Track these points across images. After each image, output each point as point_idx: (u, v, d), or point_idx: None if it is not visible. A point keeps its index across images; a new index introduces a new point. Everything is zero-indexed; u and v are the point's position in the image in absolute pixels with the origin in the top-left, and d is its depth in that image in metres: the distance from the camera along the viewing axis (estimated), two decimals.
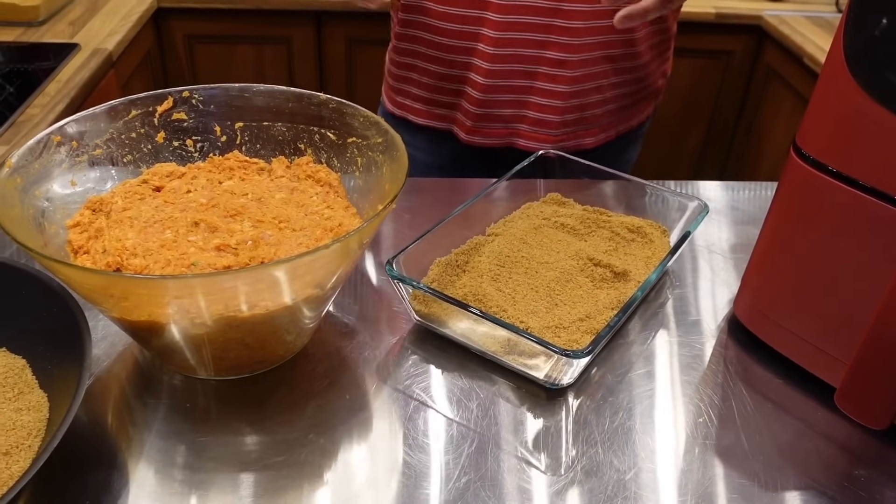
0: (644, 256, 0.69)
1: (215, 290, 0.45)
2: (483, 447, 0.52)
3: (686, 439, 0.54)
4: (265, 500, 0.48)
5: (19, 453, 0.48)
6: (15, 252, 0.69)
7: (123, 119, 0.61)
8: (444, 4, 0.94)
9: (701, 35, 1.73)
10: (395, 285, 0.60)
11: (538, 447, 0.53)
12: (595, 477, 0.51)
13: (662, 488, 0.50)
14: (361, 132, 0.61)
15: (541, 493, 0.49)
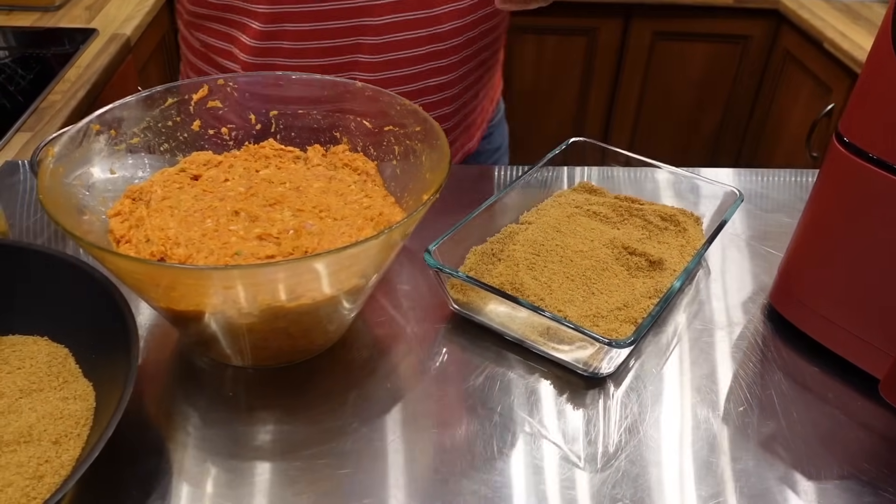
0: (678, 245, 0.69)
1: (267, 281, 0.45)
2: (524, 436, 0.53)
3: (727, 427, 0.54)
4: (311, 487, 0.48)
5: (68, 442, 0.48)
6: (47, 240, 0.69)
7: (160, 107, 0.60)
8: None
9: (718, 20, 1.72)
10: (433, 274, 0.60)
11: (578, 436, 0.53)
12: (637, 466, 0.51)
13: (705, 476, 0.50)
14: (399, 120, 0.61)
15: (583, 483, 0.50)
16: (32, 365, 0.53)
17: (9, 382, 0.51)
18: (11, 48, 1.42)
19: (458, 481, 0.49)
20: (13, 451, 0.47)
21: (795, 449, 0.53)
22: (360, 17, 0.80)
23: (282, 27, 0.80)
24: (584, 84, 1.83)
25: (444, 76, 0.87)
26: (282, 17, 0.79)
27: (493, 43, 0.94)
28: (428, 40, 0.83)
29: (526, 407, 0.55)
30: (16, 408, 0.50)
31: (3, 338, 0.56)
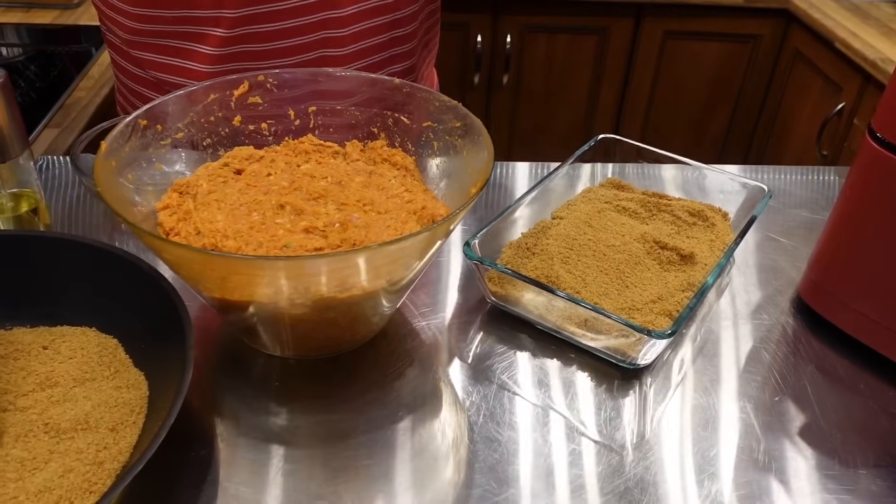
0: (707, 240, 0.70)
1: (324, 271, 0.46)
2: (565, 426, 0.54)
3: (763, 417, 0.55)
4: (360, 477, 0.49)
5: (125, 429, 0.49)
6: (83, 233, 0.70)
7: (202, 103, 0.61)
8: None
9: (728, 19, 1.73)
10: (472, 266, 0.61)
11: (616, 425, 0.54)
12: (676, 454, 0.52)
13: (744, 466, 0.51)
14: (437, 116, 0.62)
15: (621, 471, 0.51)
16: (84, 355, 0.54)
17: (62, 372, 0.52)
18: (29, 45, 1.43)
19: (511, 469, 0.50)
20: (71, 439, 0.48)
21: (831, 438, 0.54)
22: (325, 11, 0.79)
23: (247, 30, 0.77)
24: (595, 83, 1.84)
25: (405, 62, 0.89)
26: (248, 20, 0.77)
27: (434, 25, 0.97)
28: (390, 26, 0.84)
29: (564, 396, 0.56)
30: (71, 396, 0.51)
31: (53, 328, 0.57)
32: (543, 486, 0.49)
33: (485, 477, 0.50)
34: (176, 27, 0.78)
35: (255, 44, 0.79)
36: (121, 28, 0.81)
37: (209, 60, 0.79)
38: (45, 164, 0.79)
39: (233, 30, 0.77)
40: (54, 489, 0.45)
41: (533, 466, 0.51)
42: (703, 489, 0.50)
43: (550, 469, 0.50)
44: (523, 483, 0.49)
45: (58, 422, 0.49)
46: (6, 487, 0.45)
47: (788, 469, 0.51)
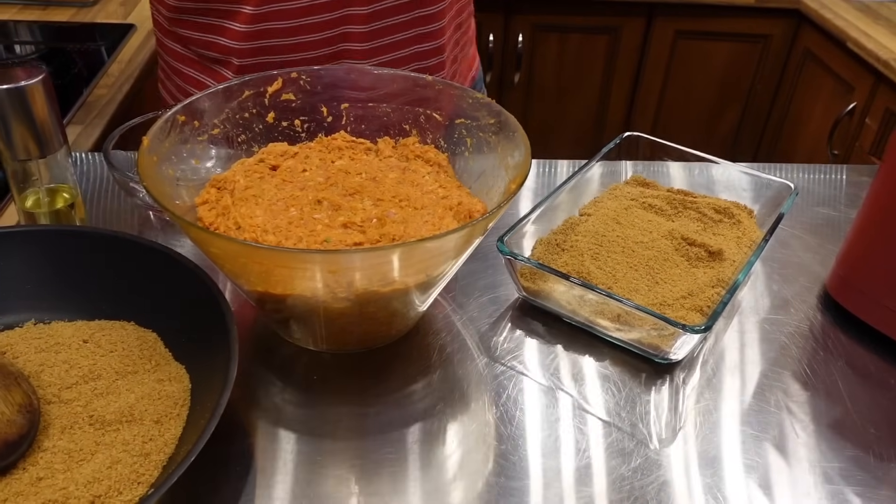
0: (734, 237, 0.70)
1: (370, 265, 0.46)
2: (600, 421, 0.54)
3: (796, 412, 0.56)
4: (398, 470, 0.50)
5: (169, 422, 0.50)
6: (117, 227, 0.70)
7: (237, 99, 0.62)
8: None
9: (739, 19, 1.74)
10: (504, 262, 0.62)
11: (650, 419, 0.55)
12: (713, 447, 0.53)
13: (778, 460, 0.52)
14: (470, 113, 0.62)
15: (661, 466, 0.51)
16: (124, 348, 0.54)
17: (104, 365, 0.53)
18: (42, 43, 1.44)
19: (553, 462, 0.51)
20: (116, 431, 0.49)
21: (864, 433, 0.54)
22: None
23: (275, 7, 0.80)
24: (606, 82, 1.85)
25: (434, 41, 0.89)
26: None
27: (467, 5, 0.97)
28: (415, 5, 0.85)
29: (597, 391, 0.57)
30: (114, 389, 0.51)
31: (91, 322, 0.57)
32: (581, 481, 0.50)
33: (520, 471, 0.50)
34: (209, 4, 0.82)
35: (281, 20, 0.81)
36: (163, 6, 0.85)
37: (241, 37, 0.82)
38: (73, 160, 0.80)
39: (260, 7, 0.80)
40: (103, 480, 0.45)
41: (569, 461, 0.51)
42: (739, 482, 0.50)
43: (588, 463, 0.51)
44: (562, 477, 0.50)
45: (102, 414, 0.49)
46: (55, 478, 0.46)
47: (823, 463, 0.52)
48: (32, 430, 0.48)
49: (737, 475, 0.51)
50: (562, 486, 0.49)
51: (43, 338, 0.55)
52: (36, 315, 0.58)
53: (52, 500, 0.44)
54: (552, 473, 0.50)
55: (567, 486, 0.49)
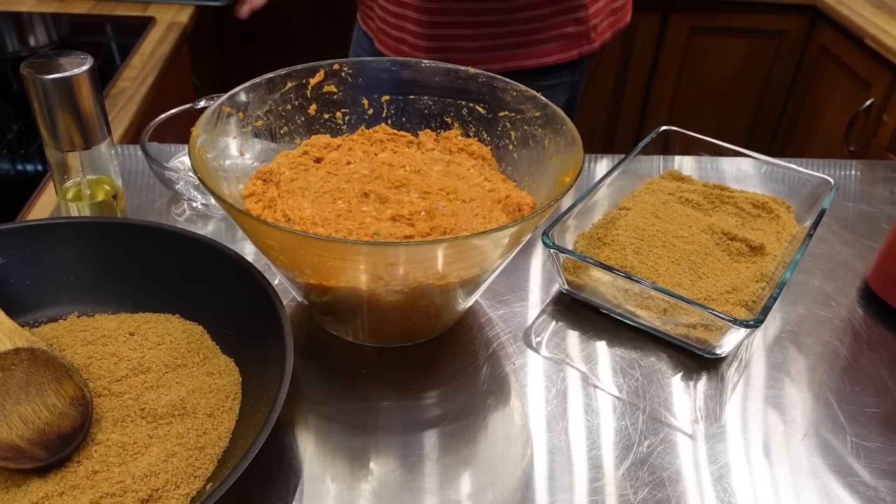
0: (774, 231, 0.70)
1: (430, 258, 0.46)
2: (648, 414, 0.54)
3: (846, 406, 0.55)
4: (450, 462, 0.50)
5: (222, 415, 0.49)
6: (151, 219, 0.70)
7: (280, 91, 0.61)
8: None
9: (754, 15, 1.73)
10: (549, 255, 0.62)
11: (702, 415, 0.54)
12: (760, 443, 0.52)
13: (830, 453, 0.52)
14: (515, 106, 0.62)
15: (716, 460, 0.51)
16: (171, 341, 0.54)
17: (153, 358, 0.52)
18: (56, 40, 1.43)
19: (605, 454, 0.50)
20: (169, 424, 0.48)
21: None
22: None
23: None
24: (621, 78, 1.84)
25: None
26: None
27: None
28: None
29: (643, 384, 0.56)
30: (164, 382, 0.51)
31: (135, 315, 0.57)
32: (631, 475, 0.49)
33: (570, 463, 0.50)
34: None
35: None
36: None
37: None
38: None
39: None
40: (160, 473, 0.45)
41: (619, 454, 0.51)
42: (793, 475, 0.50)
43: (644, 457, 0.51)
44: (612, 470, 0.50)
45: (154, 407, 0.49)
46: (111, 472, 0.45)
47: (877, 457, 0.52)
48: (86, 422, 0.47)
49: (792, 469, 0.51)
50: (613, 479, 0.49)
51: (88, 330, 0.55)
52: (79, 308, 0.57)
53: (109, 494, 0.44)
54: (601, 466, 0.50)
55: (618, 479, 0.49)
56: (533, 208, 0.56)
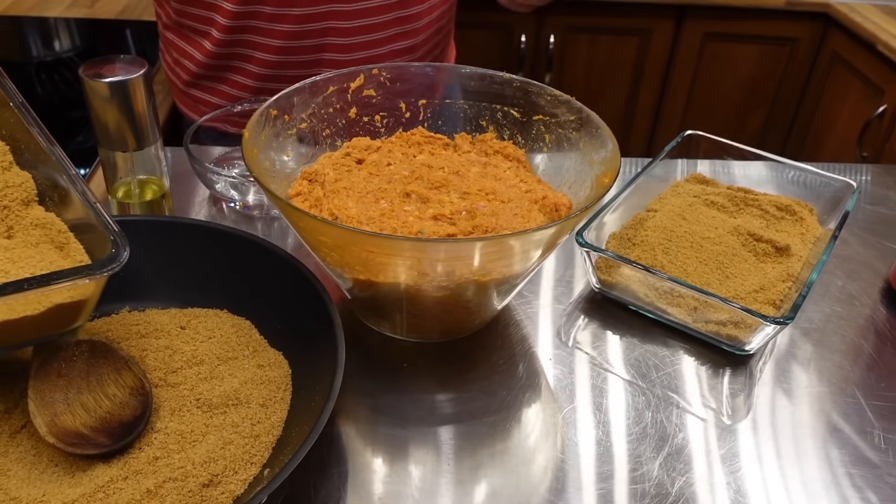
0: (798, 233, 0.72)
1: (478, 255, 0.48)
2: (682, 410, 0.56)
3: (874, 403, 0.57)
4: (493, 450, 0.51)
5: (274, 405, 0.51)
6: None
7: (323, 94, 0.64)
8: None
9: (767, 22, 1.75)
10: (582, 254, 0.64)
11: (733, 411, 0.56)
12: (790, 439, 0.54)
13: (857, 446, 0.53)
14: (549, 110, 0.64)
15: (751, 453, 0.53)
16: (221, 335, 0.56)
17: (205, 350, 0.54)
18: (80, 45, 1.46)
19: (642, 448, 0.52)
20: (224, 413, 0.50)
21: None
22: None
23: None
24: (634, 83, 1.86)
25: (409, 40, 0.93)
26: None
27: (449, 9, 1.01)
28: (395, 7, 0.90)
29: (675, 381, 0.58)
30: (217, 374, 0.53)
31: (184, 310, 0.59)
32: (669, 466, 0.51)
33: (611, 455, 0.52)
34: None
35: (267, 6, 0.87)
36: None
37: (228, 16, 0.89)
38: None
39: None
40: (218, 460, 0.47)
41: (654, 445, 0.53)
42: (822, 468, 0.52)
43: (679, 449, 0.52)
44: (647, 461, 0.51)
45: (209, 397, 0.51)
46: (171, 458, 0.47)
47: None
48: (147, 411, 0.49)
49: (824, 464, 0.52)
50: (651, 469, 0.51)
51: (141, 324, 0.57)
52: (130, 303, 0.59)
53: (171, 479, 0.46)
54: (639, 457, 0.52)
55: (656, 469, 0.51)
56: (569, 208, 0.58)
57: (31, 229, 0.45)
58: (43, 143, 0.46)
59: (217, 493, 0.45)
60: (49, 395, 0.48)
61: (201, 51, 0.93)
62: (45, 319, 0.42)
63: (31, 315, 0.41)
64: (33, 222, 0.45)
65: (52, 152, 0.45)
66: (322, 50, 0.90)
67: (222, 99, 0.96)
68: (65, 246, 0.45)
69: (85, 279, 0.41)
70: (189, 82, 0.97)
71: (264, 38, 0.89)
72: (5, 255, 0.43)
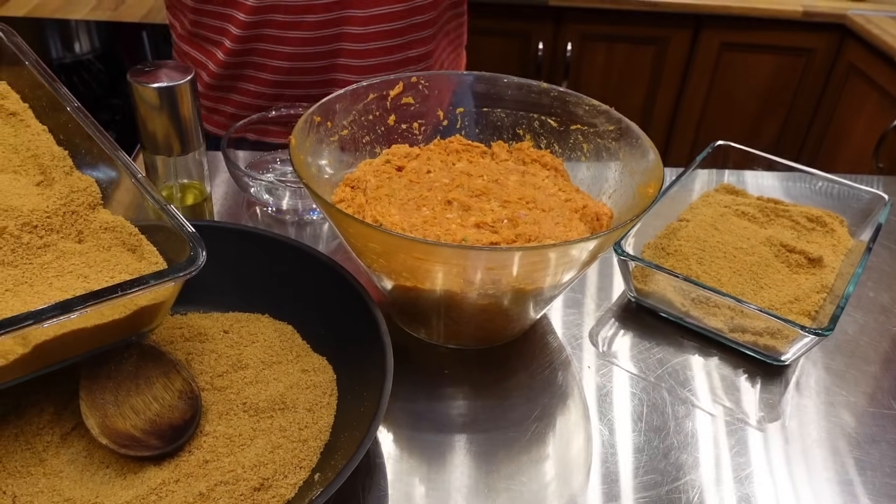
0: (829, 244, 0.72)
1: (529, 263, 0.48)
2: (721, 420, 0.56)
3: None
4: (538, 456, 0.52)
5: (321, 410, 0.52)
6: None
7: (363, 102, 0.64)
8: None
9: (784, 32, 1.76)
10: (620, 263, 0.64)
11: (772, 421, 0.56)
12: (830, 450, 0.54)
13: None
14: (587, 120, 0.64)
15: (786, 459, 0.53)
16: (264, 340, 0.56)
17: (250, 355, 0.55)
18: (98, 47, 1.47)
19: (685, 457, 0.53)
20: (270, 417, 0.51)
21: None
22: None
23: (275, 2, 0.86)
24: (651, 92, 1.87)
25: (422, 48, 0.93)
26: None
27: (459, 16, 1.01)
28: (408, 13, 0.90)
29: (713, 388, 0.58)
30: (262, 378, 0.53)
31: (226, 314, 0.59)
32: (716, 471, 0.52)
33: (656, 464, 0.52)
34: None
35: (279, 14, 0.87)
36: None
37: (241, 25, 0.89)
38: None
39: (262, 1, 0.86)
40: (268, 464, 0.47)
41: (698, 453, 0.53)
42: (864, 476, 0.52)
43: (722, 456, 0.53)
44: (691, 468, 0.52)
45: (255, 401, 0.51)
46: (221, 461, 0.48)
47: None
48: (196, 415, 0.50)
49: (865, 473, 0.53)
50: (696, 476, 0.51)
51: (184, 328, 0.57)
52: (173, 307, 0.59)
53: (222, 482, 0.46)
54: (683, 465, 0.52)
55: (701, 476, 0.51)
56: (611, 218, 0.59)
57: (101, 233, 0.45)
58: (105, 147, 0.46)
59: (268, 497, 0.46)
60: (99, 397, 0.48)
61: (215, 60, 0.93)
62: (128, 322, 0.43)
63: (118, 318, 0.42)
64: (102, 226, 0.45)
65: (116, 156, 0.46)
66: (335, 56, 0.91)
67: (236, 108, 0.97)
68: (137, 248, 0.46)
69: (171, 282, 0.41)
70: (202, 93, 0.98)
71: (277, 46, 0.90)
72: (81, 260, 0.43)
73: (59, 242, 0.45)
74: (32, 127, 0.51)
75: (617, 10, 1.72)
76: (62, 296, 0.42)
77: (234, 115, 0.97)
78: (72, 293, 0.42)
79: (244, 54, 0.91)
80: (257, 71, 0.92)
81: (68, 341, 0.41)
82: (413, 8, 0.90)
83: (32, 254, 0.43)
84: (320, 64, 0.91)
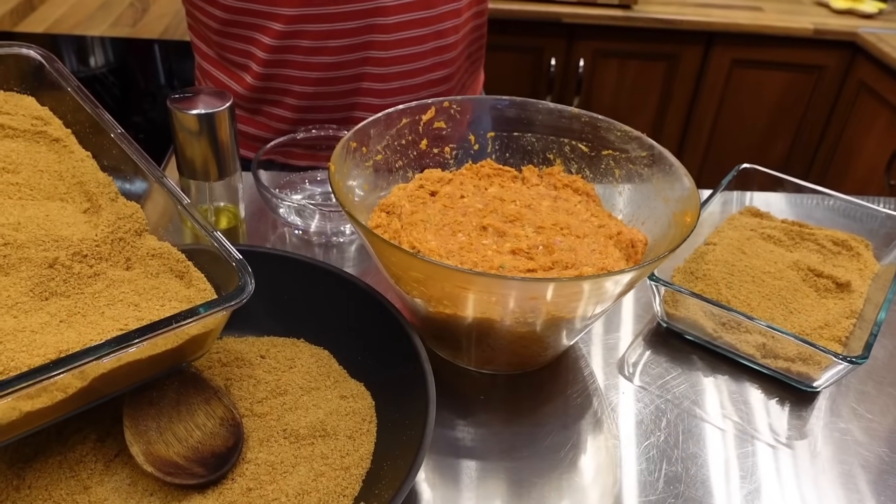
0: (856, 269, 0.73)
1: (569, 293, 0.49)
2: (757, 442, 0.56)
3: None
4: (581, 483, 0.52)
5: (361, 437, 0.52)
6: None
7: (396, 126, 0.65)
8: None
9: (795, 50, 1.77)
10: (650, 288, 0.64)
11: (803, 442, 0.57)
12: (863, 476, 0.55)
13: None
14: (619, 146, 0.65)
15: (817, 486, 0.53)
16: (302, 365, 0.57)
17: (288, 380, 0.55)
18: (113, 61, 1.47)
19: (716, 484, 0.53)
20: (311, 444, 0.51)
21: None
22: (373, 17, 0.87)
23: (300, 28, 0.87)
24: (661, 108, 1.88)
25: (446, 69, 0.95)
26: (302, 19, 0.86)
27: (480, 38, 1.03)
28: (433, 37, 0.91)
29: (745, 414, 0.59)
30: (301, 404, 0.54)
31: (261, 338, 0.59)
32: (752, 499, 0.52)
33: (697, 486, 0.52)
34: (243, 17, 0.89)
35: (306, 40, 0.88)
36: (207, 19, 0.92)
37: (268, 49, 0.89)
38: None
39: (288, 26, 0.87)
40: (311, 492, 0.47)
41: (734, 481, 0.53)
42: None
43: (758, 484, 0.53)
44: (729, 495, 0.52)
45: (295, 428, 0.51)
46: (264, 489, 0.48)
47: None
48: (239, 442, 0.50)
49: None
50: (736, 501, 0.51)
51: (221, 353, 0.57)
52: None
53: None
54: (717, 492, 0.52)
55: (740, 501, 0.51)
56: (645, 244, 0.59)
57: (148, 260, 0.46)
58: (151, 175, 0.47)
59: None
60: (142, 424, 0.49)
61: (242, 83, 0.94)
62: (178, 351, 0.43)
63: (169, 348, 0.42)
64: (149, 252, 0.46)
65: (163, 182, 0.46)
66: (359, 80, 0.91)
67: (260, 130, 0.97)
68: (185, 275, 0.46)
69: (222, 311, 0.41)
70: None
71: (302, 72, 0.90)
72: (130, 287, 0.44)
73: (108, 271, 0.45)
74: (76, 153, 0.52)
75: (629, 27, 1.73)
76: (115, 325, 0.42)
77: (257, 138, 0.97)
78: (124, 322, 0.42)
79: (269, 79, 0.92)
80: (282, 96, 0.93)
81: (122, 373, 0.42)
82: (438, 31, 0.90)
83: (84, 283, 0.44)
84: (345, 88, 0.92)
